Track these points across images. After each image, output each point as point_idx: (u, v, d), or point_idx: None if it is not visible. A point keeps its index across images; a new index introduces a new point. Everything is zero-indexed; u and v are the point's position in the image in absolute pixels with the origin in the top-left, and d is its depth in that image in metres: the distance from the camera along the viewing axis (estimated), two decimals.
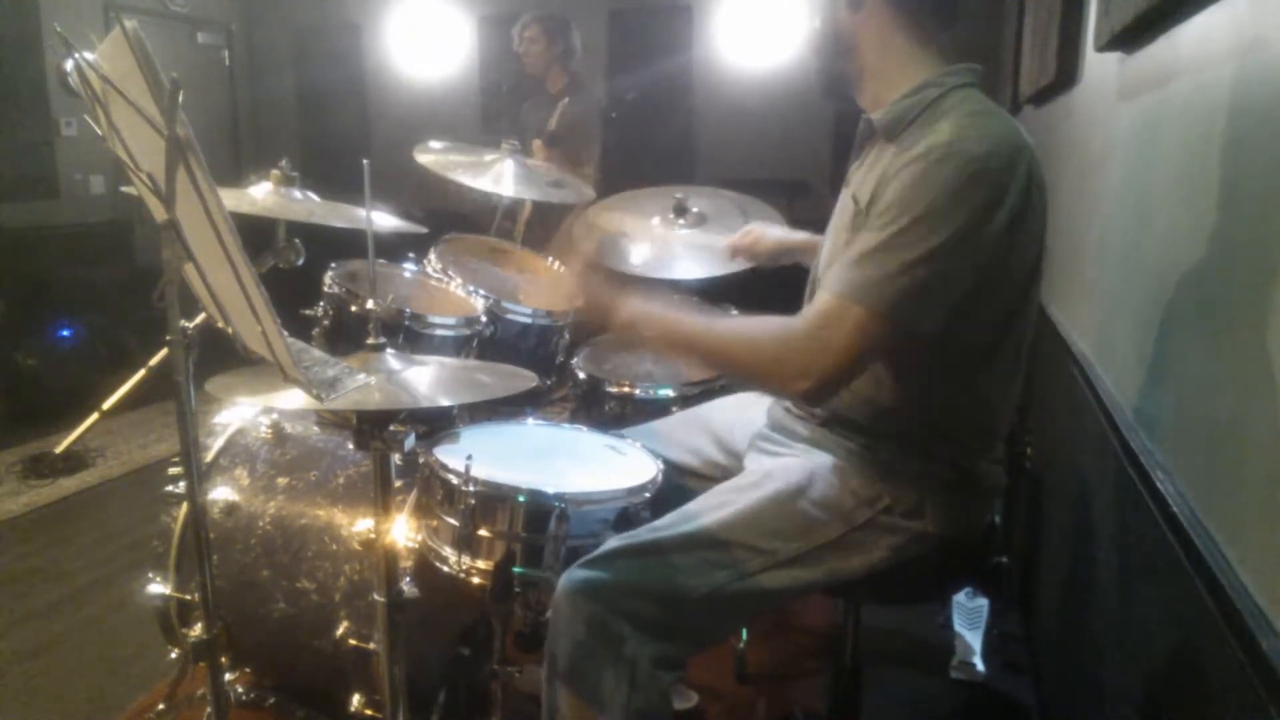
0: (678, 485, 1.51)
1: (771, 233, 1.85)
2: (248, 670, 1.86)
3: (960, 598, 2.21)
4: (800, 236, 1.80)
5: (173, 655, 1.90)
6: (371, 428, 1.21)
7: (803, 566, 1.29)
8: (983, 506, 1.39)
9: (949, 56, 1.31)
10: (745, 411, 1.62)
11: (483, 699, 1.73)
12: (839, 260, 1.21)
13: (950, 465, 1.30)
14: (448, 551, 1.45)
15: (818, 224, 1.45)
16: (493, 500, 1.41)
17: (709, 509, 1.34)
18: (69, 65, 4.52)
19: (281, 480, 1.81)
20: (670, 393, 2.06)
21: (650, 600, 1.25)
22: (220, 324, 1.14)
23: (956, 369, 1.27)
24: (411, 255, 2.17)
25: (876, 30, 1.31)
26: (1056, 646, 1.86)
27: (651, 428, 1.71)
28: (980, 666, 2.01)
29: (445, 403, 1.28)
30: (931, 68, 1.28)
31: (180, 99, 0.93)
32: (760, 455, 1.47)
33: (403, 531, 1.54)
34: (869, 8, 1.30)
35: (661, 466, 1.53)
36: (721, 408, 1.71)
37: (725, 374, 1.35)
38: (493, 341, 2.03)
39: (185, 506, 1.80)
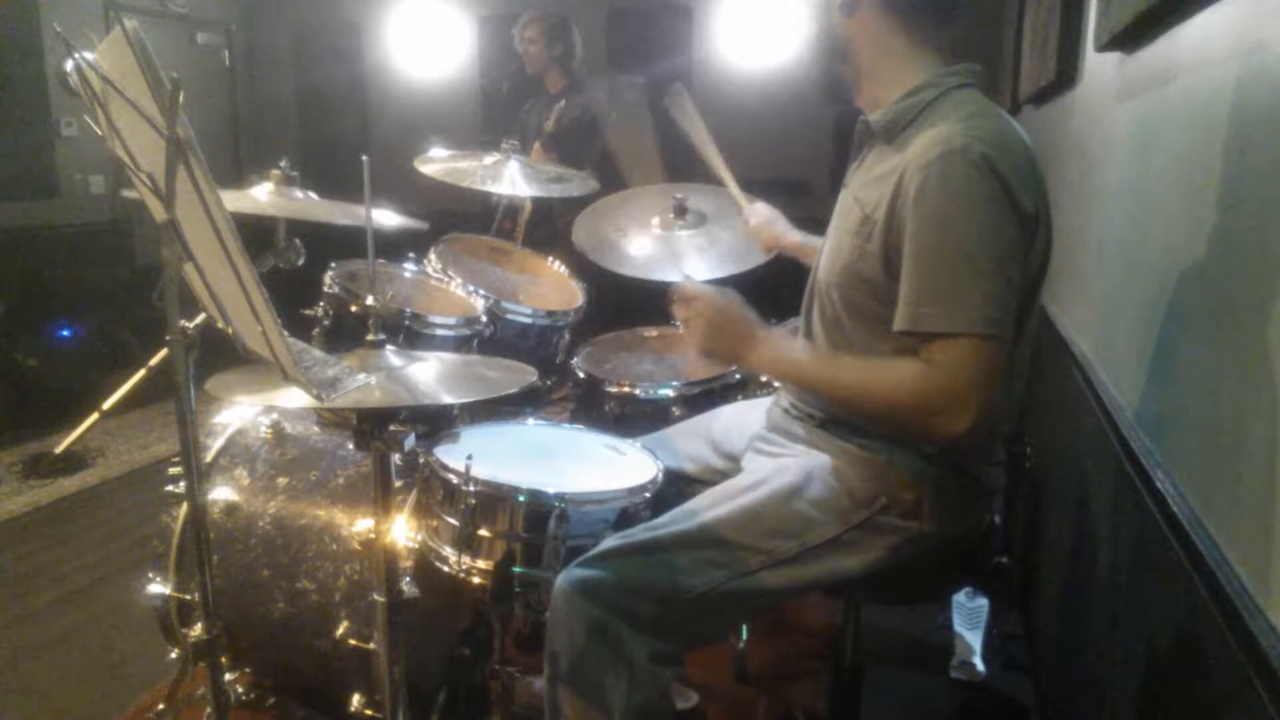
0: (677, 492, 1.52)
1: (779, 230, 1.90)
2: (248, 670, 1.86)
3: (960, 598, 2.21)
4: (805, 240, 1.83)
5: (173, 655, 1.89)
6: (372, 427, 1.21)
7: (800, 566, 1.29)
8: (981, 507, 1.39)
9: (948, 56, 1.30)
10: (743, 416, 1.62)
11: (483, 699, 1.73)
12: (915, 296, 1.16)
13: (948, 466, 1.30)
14: (448, 551, 1.44)
15: (818, 224, 1.45)
16: (493, 500, 1.41)
17: (707, 508, 1.34)
18: (69, 65, 4.51)
19: (281, 480, 1.81)
20: (670, 393, 2.07)
21: (648, 598, 1.25)
22: (220, 324, 1.14)
23: None
24: (411, 255, 2.17)
25: (872, 33, 1.30)
26: (1056, 646, 1.86)
27: (651, 437, 1.71)
28: (980, 666, 2.01)
29: (446, 400, 1.28)
30: (929, 69, 1.28)
31: (180, 99, 0.93)
32: (758, 456, 1.47)
33: (403, 531, 1.54)
34: (863, 11, 1.30)
35: (662, 466, 1.53)
36: (720, 415, 1.71)
37: (873, 426, 1.31)
38: (493, 341, 2.03)
39: (185, 506, 1.80)
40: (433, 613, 1.67)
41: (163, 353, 3.05)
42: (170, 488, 1.82)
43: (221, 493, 1.81)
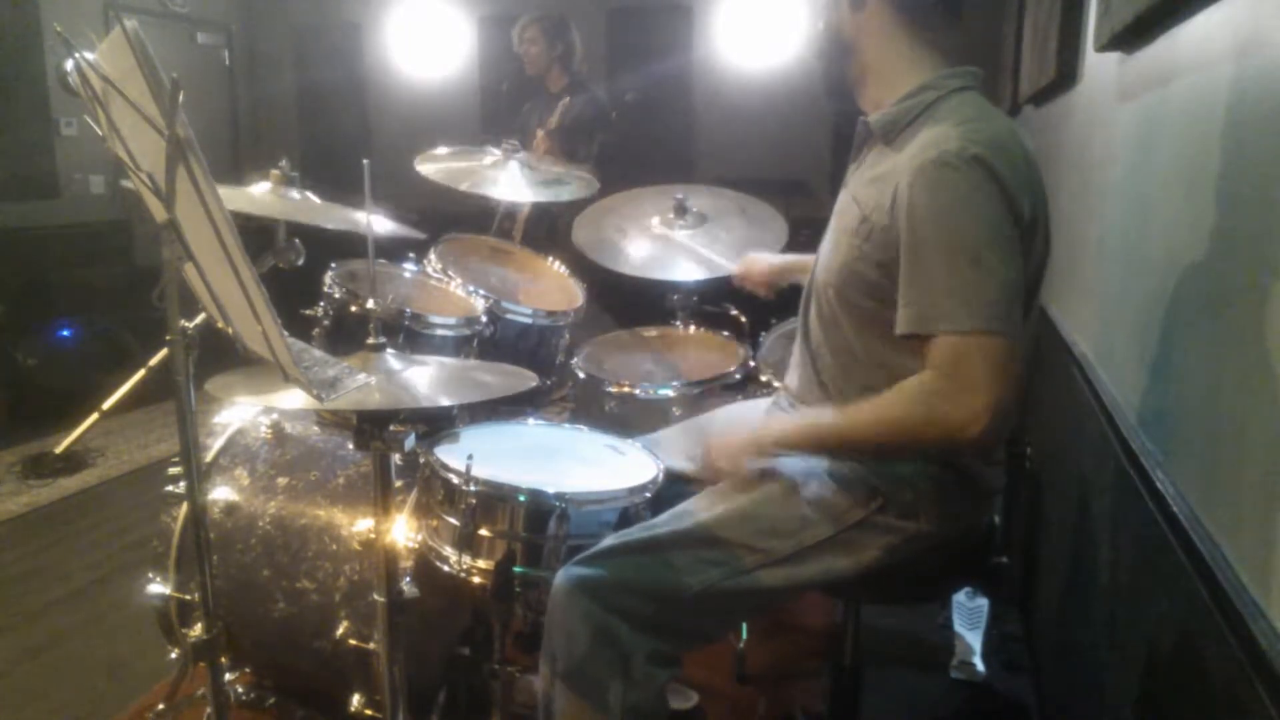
0: (677, 492, 1.52)
1: (764, 259, 1.90)
2: (248, 670, 1.86)
3: (960, 598, 2.21)
4: (791, 258, 1.83)
5: (173, 655, 1.90)
6: (372, 428, 1.21)
7: (797, 565, 1.29)
8: (980, 507, 1.39)
9: (951, 57, 1.30)
10: (743, 416, 1.62)
11: (483, 699, 1.73)
12: (919, 297, 1.16)
13: (946, 466, 1.29)
14: (448, 551, 1.45)
15: (817, 224, 1.45)
16: (494, 500, 1.41)
17: (704, 507, 1.34)
18: (69, 65, 4.52)
19: (281, 480, 1.81)
20: (670, 393, 2.07)
21: (645, 597, 1.25)
22: (220, 324, 1.14)
23: None
24: (411, 255, 2.17)
25: (878, 30, 1.30)
26: (1056, 646, 1.86)
27: (650, 437, 1.71)
28: (980, 666, 2.02)
29: (445, 402, 1.28)
30: (931, 70, 1.28)
31: (180, 99, 0.93)
32: None
33: (403, 531, 1.54)
34: (871, 7, 1.30)
35: (662, 466, 1.53)
36: (720, 415, 1.71)
37: (894, 456, 1.29)
38: (493, 341, 2.03)
39: (185, 506, 1.80)
40: (433, 613, 1.67)
41: (163, 353, 3.05)
42: (170, 488, 1.82)
43: (221, 493, 1.81)
